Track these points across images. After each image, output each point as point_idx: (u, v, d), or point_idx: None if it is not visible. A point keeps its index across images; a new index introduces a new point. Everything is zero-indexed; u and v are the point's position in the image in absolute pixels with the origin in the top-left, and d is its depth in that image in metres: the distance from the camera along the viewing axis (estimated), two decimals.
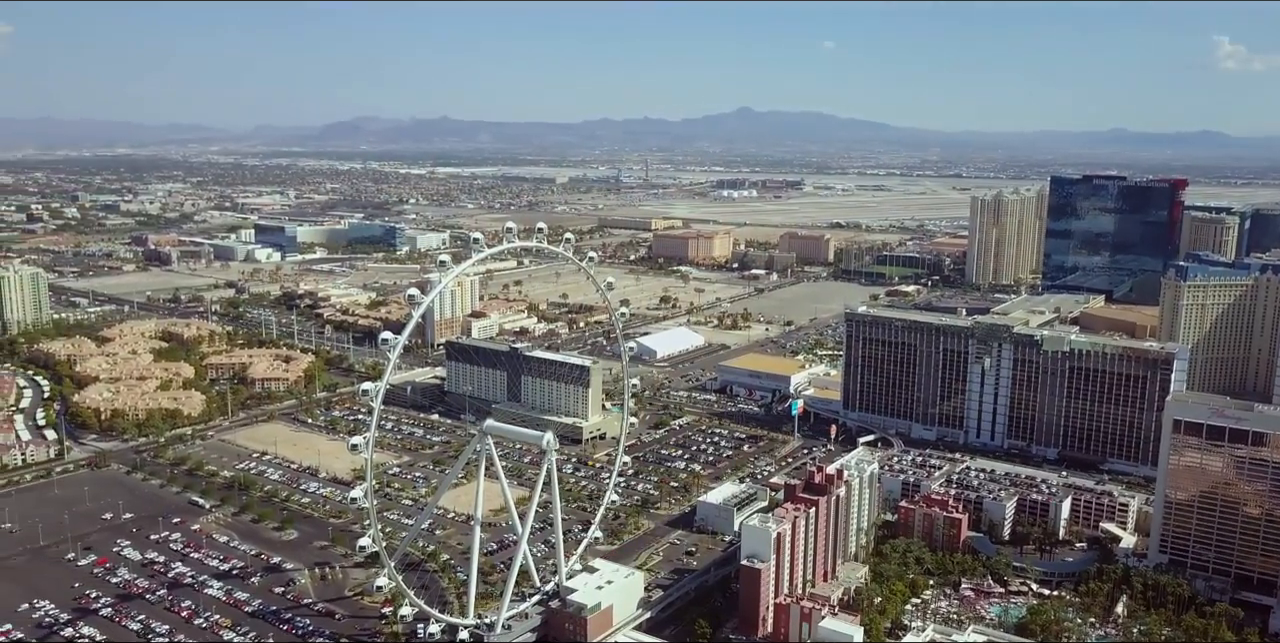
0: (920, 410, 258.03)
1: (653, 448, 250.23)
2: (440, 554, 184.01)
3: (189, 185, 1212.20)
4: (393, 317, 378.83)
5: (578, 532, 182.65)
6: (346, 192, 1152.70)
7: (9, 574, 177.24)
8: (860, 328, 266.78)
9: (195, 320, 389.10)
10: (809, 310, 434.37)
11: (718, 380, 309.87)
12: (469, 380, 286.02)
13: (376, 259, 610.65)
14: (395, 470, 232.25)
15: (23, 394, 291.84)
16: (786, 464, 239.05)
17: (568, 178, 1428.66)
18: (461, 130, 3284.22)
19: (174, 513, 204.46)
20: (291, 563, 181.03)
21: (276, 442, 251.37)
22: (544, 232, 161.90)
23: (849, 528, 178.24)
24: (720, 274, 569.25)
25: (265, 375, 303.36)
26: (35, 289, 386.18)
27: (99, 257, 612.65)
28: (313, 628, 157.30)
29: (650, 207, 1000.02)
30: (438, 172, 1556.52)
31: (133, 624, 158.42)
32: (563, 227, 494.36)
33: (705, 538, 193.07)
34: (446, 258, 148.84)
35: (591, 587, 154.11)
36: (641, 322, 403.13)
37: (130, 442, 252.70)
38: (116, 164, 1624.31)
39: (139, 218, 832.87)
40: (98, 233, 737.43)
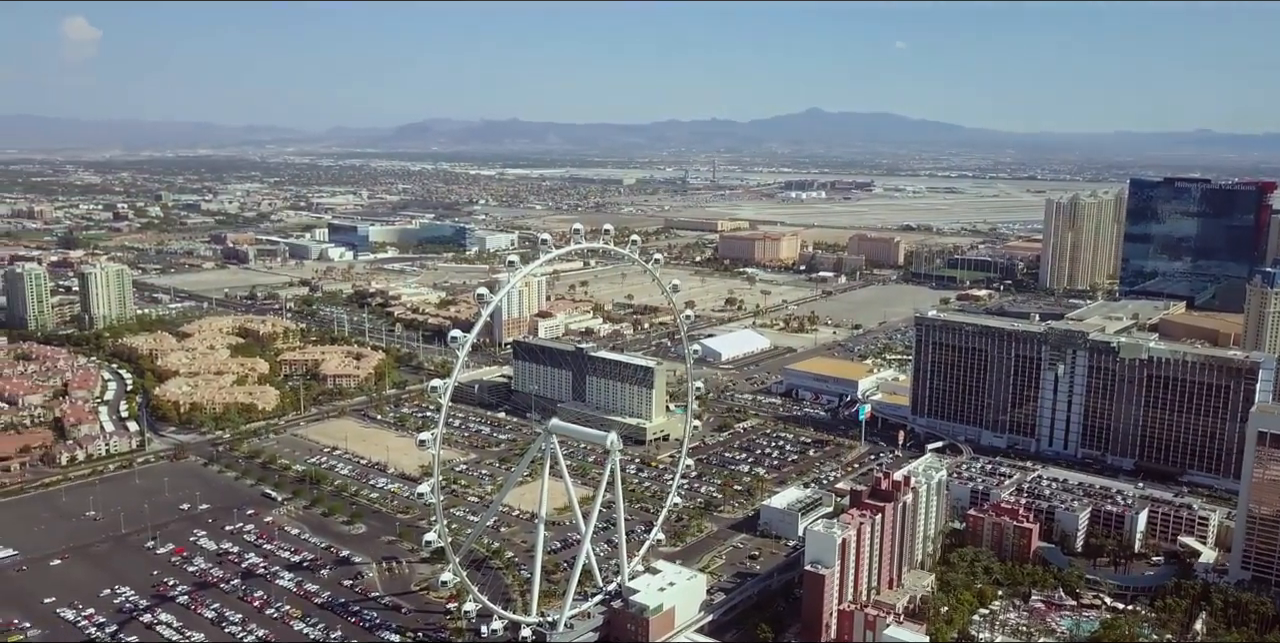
0: (990, 417, 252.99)
1: (716, 451, 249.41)
2: (504, 552, 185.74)
3: (266, 185, 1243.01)
4: (462, 316, 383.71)
5: (640, 533, 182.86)
6: (418, 192, 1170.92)
7: (93, 560, 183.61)
8: (930, 332, 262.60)
9: (270, 317, 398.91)
10: (877, 314, 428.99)
11: (783, 384, 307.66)
12: (535, 380, 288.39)
13: (446, 259, 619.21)
14: (462, 467, 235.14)
15: (107, 387, 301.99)
16: (852, 470, 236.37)
17: (635, 179, 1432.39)
18: (531, 132, 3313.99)
19: (248, 505, 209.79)
20: (360, 557, 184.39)
21: (347, 437, 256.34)
22: (611, 233, 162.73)
23: (915, 535, 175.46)
24: (787, 276, 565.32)
25: (337, 372, 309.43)
26: (120, 285, 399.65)
27: (180, 254, 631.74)
28: (379, 621, 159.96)
29: (717, 208, 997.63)
30: (507, 173, 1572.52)
31: (207, 612, 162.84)
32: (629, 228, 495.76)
33: (769, 542, 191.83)
34: (515, 258, 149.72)
35: (654, 588, 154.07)
36: (706, 323, 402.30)
37: (207, 435, 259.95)
38: (198, 164, 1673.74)
39: (218, 217, 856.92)
40: (179, 231, 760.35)
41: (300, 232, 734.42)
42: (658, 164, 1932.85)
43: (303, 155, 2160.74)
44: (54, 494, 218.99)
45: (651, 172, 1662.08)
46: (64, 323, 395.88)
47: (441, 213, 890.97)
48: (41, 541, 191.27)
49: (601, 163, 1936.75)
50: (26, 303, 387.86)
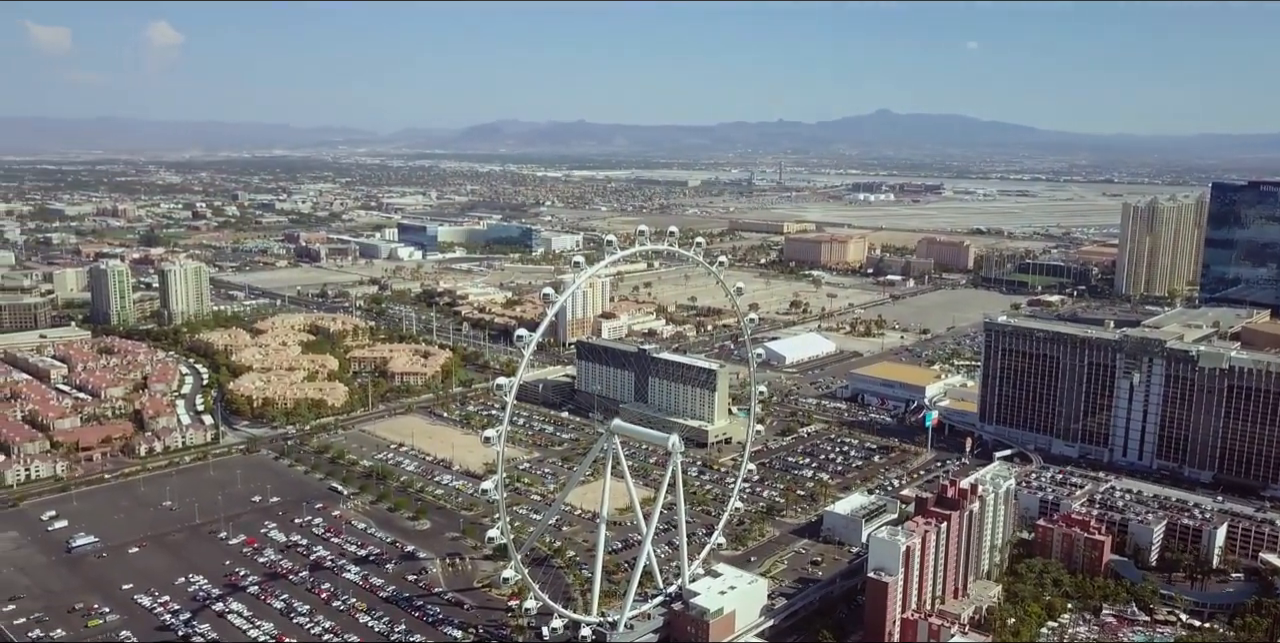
0: (1062, 426, 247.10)
1: (779, 455, 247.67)
2: (566, 550, 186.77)
3: (338, 186, 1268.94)
4: (527, 315, 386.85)
5: (701, 536, 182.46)
6: (485, 193, 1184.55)
7: (169, 549, 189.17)
8: (1000, 338, 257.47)
9: (341, 315, 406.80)
10: (946, 319, 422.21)
11: (849, 388, 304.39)
12: (598, 380, 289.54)
13: (513, 259, 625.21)
14: (525, 466, 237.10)
15: (184, 381, 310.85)
16: (918, 477, 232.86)
17: (700, 181, 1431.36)
18: (597, 134, 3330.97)
19: (316, 499, 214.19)
20: (424, 552, 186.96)
21: (413, 434, 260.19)
22: (675, 235, 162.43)
23: (982, 545, 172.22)
24: (854, 279, 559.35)
25: (405, 370, 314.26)
26: (198, 282, 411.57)
27: (255, 253, 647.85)
28: (442, 617, 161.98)
29: (782, 210, 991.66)
30: (573, 174, 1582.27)
31: (276, 603, 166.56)
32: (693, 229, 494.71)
33: (831, 548, 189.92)
34: (581, 259, 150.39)
35: (714, 591, 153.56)
36: (771, 326, 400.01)
37: (278, 429, 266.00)
38: (273, 165, 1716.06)
39: (292, 216, 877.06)
40: (254, 230, 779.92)
41: (371, 231, 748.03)
42: (723, 166, 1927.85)
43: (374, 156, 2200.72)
44: (133, 484, 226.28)
45: (717, 173, 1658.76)
46: (145, 318, 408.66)
47: (508, 214, 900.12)
48: (121, 529, 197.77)
49: (667, 164, 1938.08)
50: (110, 299, 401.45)
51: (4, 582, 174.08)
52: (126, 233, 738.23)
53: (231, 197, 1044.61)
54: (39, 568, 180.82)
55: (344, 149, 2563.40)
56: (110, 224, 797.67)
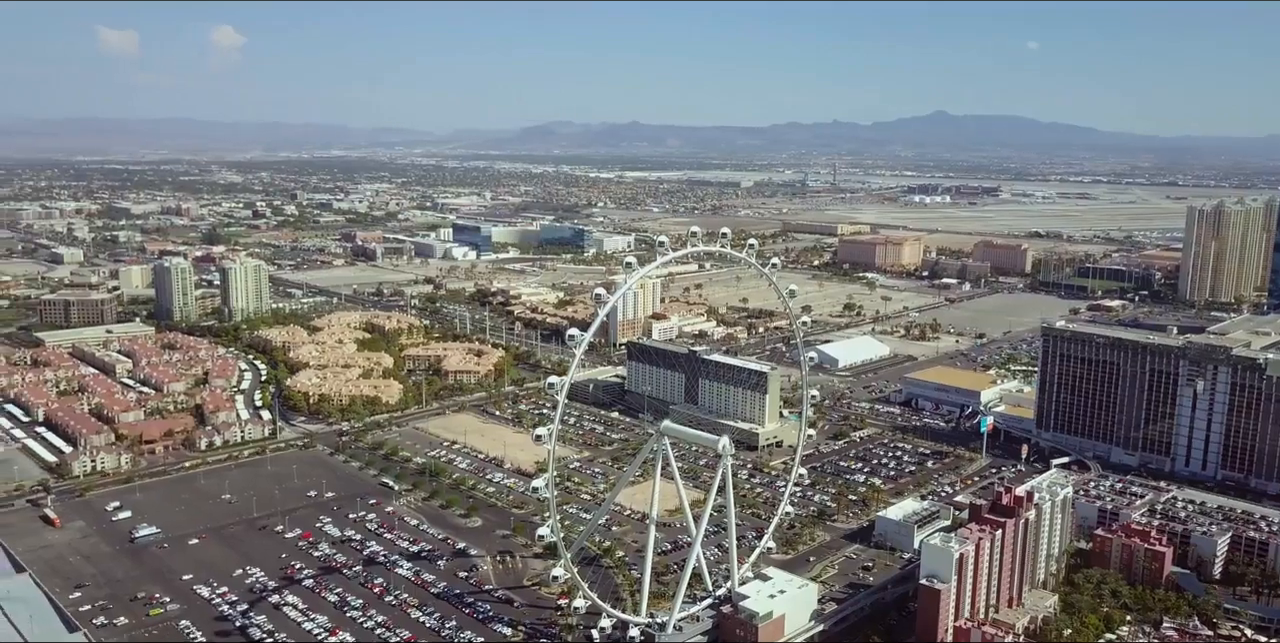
0: (1121, 434, 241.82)
1: (831, 459, 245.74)
2: (615, 550, 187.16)
3: (394, 186, 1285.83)
4: (579, 315, 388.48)
5: (751, 539, 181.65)
6: (538, 194, 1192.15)
7: (228, 541, 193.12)
8: (1058, 344, 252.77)
9: (396, 313, 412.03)
10: (1002, 323, 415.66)
11: (902, 393, 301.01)
12: (648, 381, 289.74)
13: (565, 260, 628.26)
14: (575, 465, 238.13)
15: (243, 376, 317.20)
16: (972, 483, 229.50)
17: (753, 182, 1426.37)
18: (650, 135, 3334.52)
19: (370, 494, 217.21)
20: (475, 549, 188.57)
21: (466, 432, 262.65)
22: (728, 236, 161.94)
23: (1038, 554, 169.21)
24: (908, 282, 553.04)
25: (458, 368, 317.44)
26: (258, 280, 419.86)
27: (313, 251, 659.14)
28: (492, 614, 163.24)
29: (837, 211, 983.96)
30: (625, 176, 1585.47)
31: (330, 596, 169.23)
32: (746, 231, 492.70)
33: (883, 554, 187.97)
34: (633, 260, 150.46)
35: (764, 595, 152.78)
36: (823, 329, 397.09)
37: (334, 425, 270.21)
38: (331, 165, 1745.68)
39: (349, 216, 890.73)
40: (312, 229, 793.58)
41: (426, 231, 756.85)
42: (777, 167, 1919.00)
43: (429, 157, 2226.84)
44: (193, 477, 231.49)
45: (770, 174, 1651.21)
46: (206, 315, 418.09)
47: (561, 214, 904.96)
48: (182, 520, 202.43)
49: (720, 165, 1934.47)
50: (173, 295, 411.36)
51: (71, 570, 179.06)
52: (189, 231, 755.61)
53: (290, 196, 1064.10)
54: (104, 557, 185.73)
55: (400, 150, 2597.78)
56: (174, 223, 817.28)
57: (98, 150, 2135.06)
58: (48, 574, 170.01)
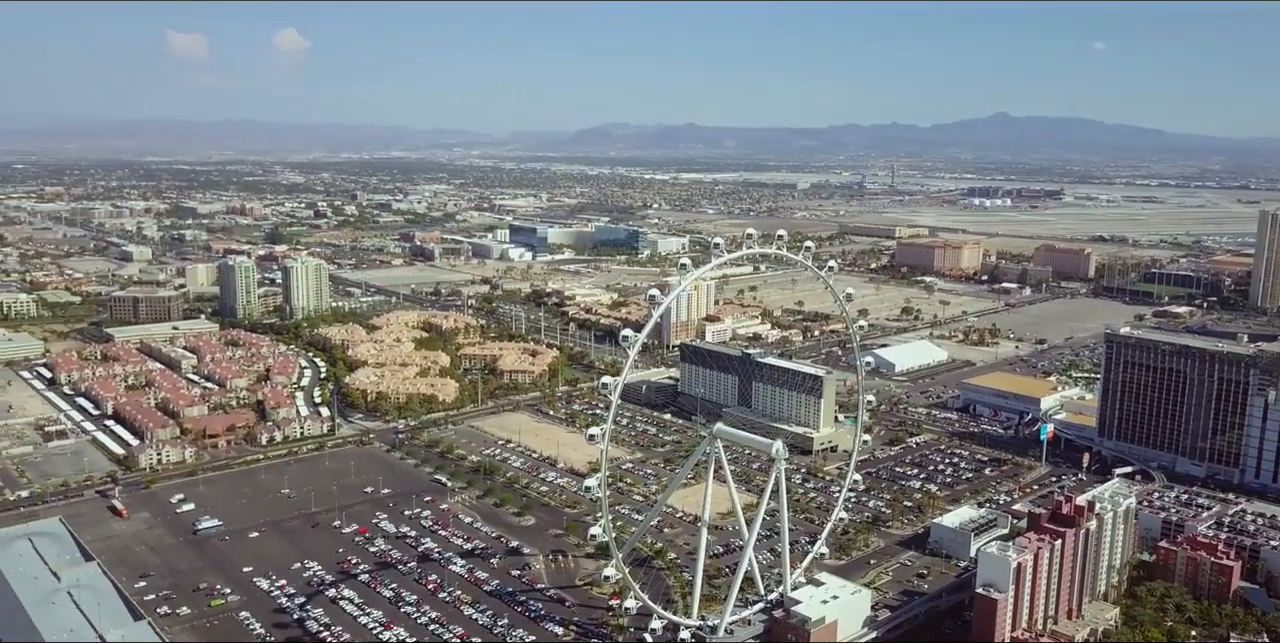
0: (1188, 444, 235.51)
1: (886, 465, 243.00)
2: (667, 552, 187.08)
3: (452, 187, 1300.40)
4: (632, 317, 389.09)
5: (804, 543, 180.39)
6: (594, 195, 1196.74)
7: (286, 535, 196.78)
8: (1122, 350, 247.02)
9: (453, 313, 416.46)
10: (1064, 329, 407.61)
11: (960, 398, 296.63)
12: (701, 383, 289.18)
13: (619, 261, 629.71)
14: (628, 466, 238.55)
15: (304, 374, 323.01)
16: (1031, 492, 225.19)
17: (809, 184, 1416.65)
18: (706, 136, 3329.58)
19: (425, 492, 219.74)
20: (528, 548, 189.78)
21: (520, 431, 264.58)
22: (784, 238, 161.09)
23: (1099, 565, 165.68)
24: (967, 286, 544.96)
25: (513, 368, 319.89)
26: (318, 279, 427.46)
27: (372, 251, 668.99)
28: (544, 613, 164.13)
29: (894, 214, 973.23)
30: (680, 177, 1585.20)
31: (386, 591, 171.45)
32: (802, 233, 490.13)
33: (938, 562, 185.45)
34: (687, 261, 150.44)
35: (817, 600, 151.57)
36: (880, 333, 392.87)
37: (390, 423, 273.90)
38: (391, 166, 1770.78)
39: (407, 216, 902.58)
40: (372, 229, 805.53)
41: (483, 232, 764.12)
42: (834, 169, 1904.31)
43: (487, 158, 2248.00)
44: (254, 471, 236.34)
45: (827, 176, 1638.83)
46: (268, 313, 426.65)
47: (616, 216, 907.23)
48: (243, 513, 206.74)
49: (776, 167, 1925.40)
50: (236, 293, 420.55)
51: (137, 560, 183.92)
52: (253, 230, 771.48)
53: (351, 196, 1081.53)
54: (168, 548, 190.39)
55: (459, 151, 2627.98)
56: (238, 222, 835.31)
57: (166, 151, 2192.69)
58: (115, 563, 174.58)
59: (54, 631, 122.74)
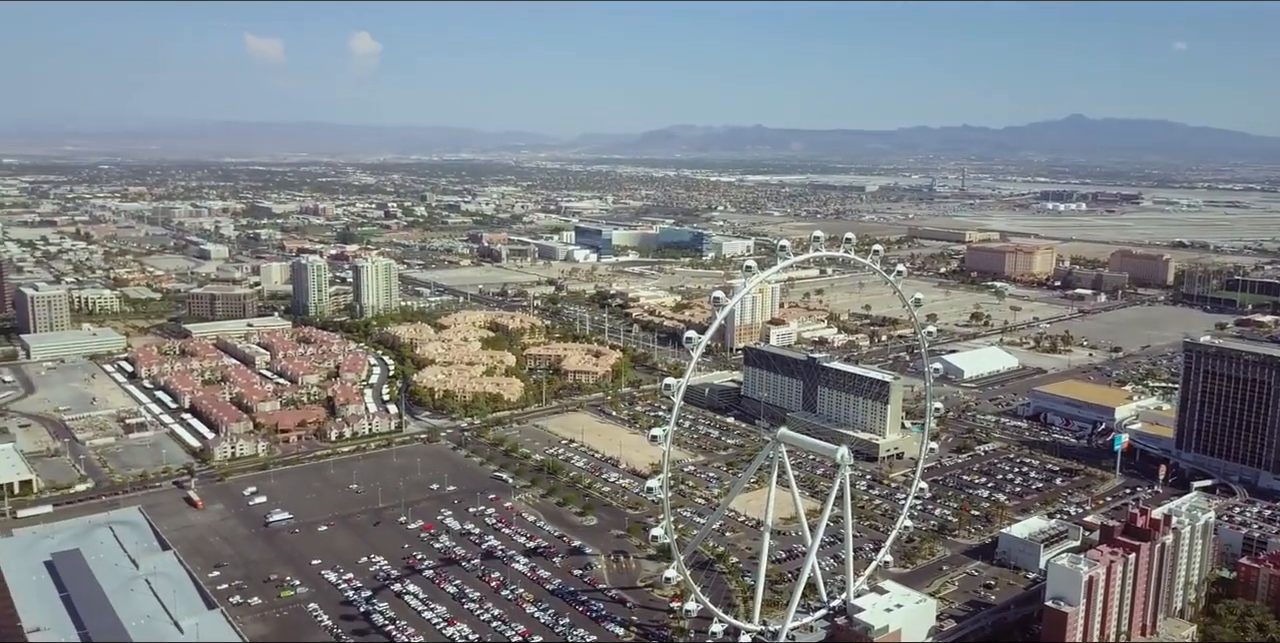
0: (1272, 458, 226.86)
1: (954, 473, 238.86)
2: (729, 556, 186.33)
3: (520, 189, 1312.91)
4: (696, 319, 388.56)
5: (868, 551, 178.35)
6: (659, 198, 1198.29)
7: (354, 530, 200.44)
8: (1202, 360, 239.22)
9: (518, 313, 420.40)
10: (1140, 337, 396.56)
11: (1030, 406, 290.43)
12: (765, 387, 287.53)
13: (683, 263, 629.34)
14: (690, 468, 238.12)
15: (372, 371, 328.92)
16: (1103, 503, 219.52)
17: (878, 186, 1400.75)
18: (773, 138, 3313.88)
19: (490, 489, 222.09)
20: (590, 548, 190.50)
21: (583, 431, 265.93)
22: (852, 242, 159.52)
23: (1174, 580, 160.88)
24: (1039, 292, 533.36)
25: (577, 368, 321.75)
26: (388, 278, 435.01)
27: (440, 251, 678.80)
28: (605, 613, 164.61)
29: (964, 218, 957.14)
30: (746, 179, 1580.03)
31: (449, 588, 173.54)
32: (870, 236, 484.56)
33: (1006, 573, 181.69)
34: (752, 263, 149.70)
35: (880, 608, 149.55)
36: (949, 339, 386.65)
37: (457, 420, 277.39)
38: (459, 168, 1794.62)
39: (475, 217, 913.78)
40: (441, 230, 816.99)
41: (549, 233, 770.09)
42: (903, 171, 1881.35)
43: (554, 161, 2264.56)
44: (324, 466, 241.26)
45: (896, 179, 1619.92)
46: (339, 311, 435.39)
47: (681, 218, 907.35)
48: (312, 507, 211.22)
49: (844, 169, 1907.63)
50: (309, 291, 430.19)
51: (211, 550, 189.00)
52: (325, 230, 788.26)
53: (420, 198, 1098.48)
54: (241, 539, 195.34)
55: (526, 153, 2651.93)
56: (311, 222, 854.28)
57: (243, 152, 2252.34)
58: (190, 553, 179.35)
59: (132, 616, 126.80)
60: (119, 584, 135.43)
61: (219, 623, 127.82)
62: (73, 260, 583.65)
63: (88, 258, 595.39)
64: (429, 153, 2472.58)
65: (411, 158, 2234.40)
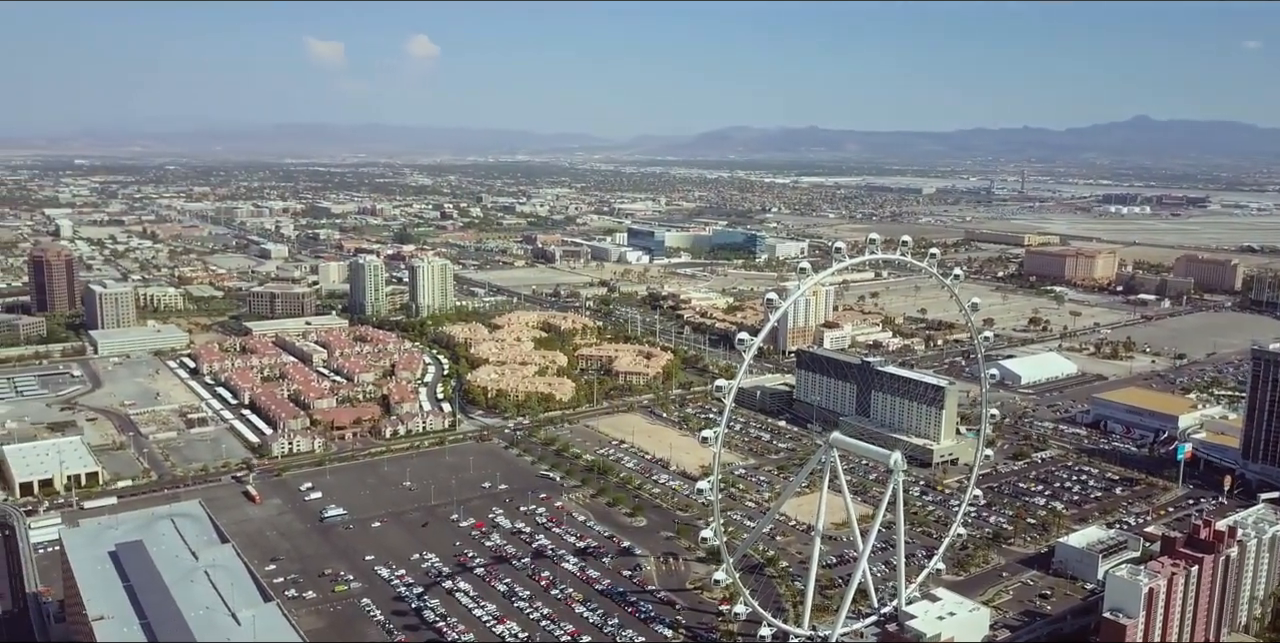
0: None
1: (1009, 480, 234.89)
2: (779, 561, 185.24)
3: (574, 190, 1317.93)
4: (748, 321, 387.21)
5: (920, 558, 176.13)
6: (712, 199, 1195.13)
7: (406, 526, 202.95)
8: (1270, 368, 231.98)
9: (571, 314, 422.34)
10: (1206, 344, 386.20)
11: (1090, 414, 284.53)
12: (817, 390, 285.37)
13: (736, 265, 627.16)
14: (741, 472, 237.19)
15: (427, 370, 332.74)
16: (1165, 514, 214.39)
17: (935, 189, 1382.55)
18: (828, 140, 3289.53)
19: (540, 488, 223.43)
20: (640, 549, 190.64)
21: (633, 432, 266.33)
22: (908, 244, 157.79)
23: (1239, 595, 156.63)
24: (1100, 297, 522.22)
25: (628, 369, 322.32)
26: (443, 279, 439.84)
27: (495, 252, 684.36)
28: (654, 614, 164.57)
29: (1023, 221, 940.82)
30: (801, 181, 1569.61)
31: (500, 586, 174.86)
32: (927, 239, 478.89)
33: (1062, 582, 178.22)
34: (806, 265, 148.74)
35: (932, 616, 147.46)
36: (1006, 344, 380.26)
37: (509, 420, 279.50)
38: (515, 169, 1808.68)
39: (530, 219, 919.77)
40: (495, 231, 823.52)
41: (602, 235, 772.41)
42: (960, 173, 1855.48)
43: (608, 162, 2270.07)
44: (378, 463, 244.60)
45: (953, 181, 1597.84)
46: (395, 310, 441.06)
47: (734, 220, 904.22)
48: (366, 504, 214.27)
49: (900, 171, 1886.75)
50: (365, 291, 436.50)
51: (268, 544, 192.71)
52: (382, 230, 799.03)
53: (476, 199, 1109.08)
54: (297, 534, 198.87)
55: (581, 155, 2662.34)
56: (369, 222, 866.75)
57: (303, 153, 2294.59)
58: (247, 546, 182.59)
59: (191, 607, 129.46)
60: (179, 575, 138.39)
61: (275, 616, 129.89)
62: (139, 259, 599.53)
63: (153, 256, 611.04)
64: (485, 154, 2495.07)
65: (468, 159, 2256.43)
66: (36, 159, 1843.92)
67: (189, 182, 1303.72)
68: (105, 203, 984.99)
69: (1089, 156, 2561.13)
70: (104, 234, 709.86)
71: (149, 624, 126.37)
